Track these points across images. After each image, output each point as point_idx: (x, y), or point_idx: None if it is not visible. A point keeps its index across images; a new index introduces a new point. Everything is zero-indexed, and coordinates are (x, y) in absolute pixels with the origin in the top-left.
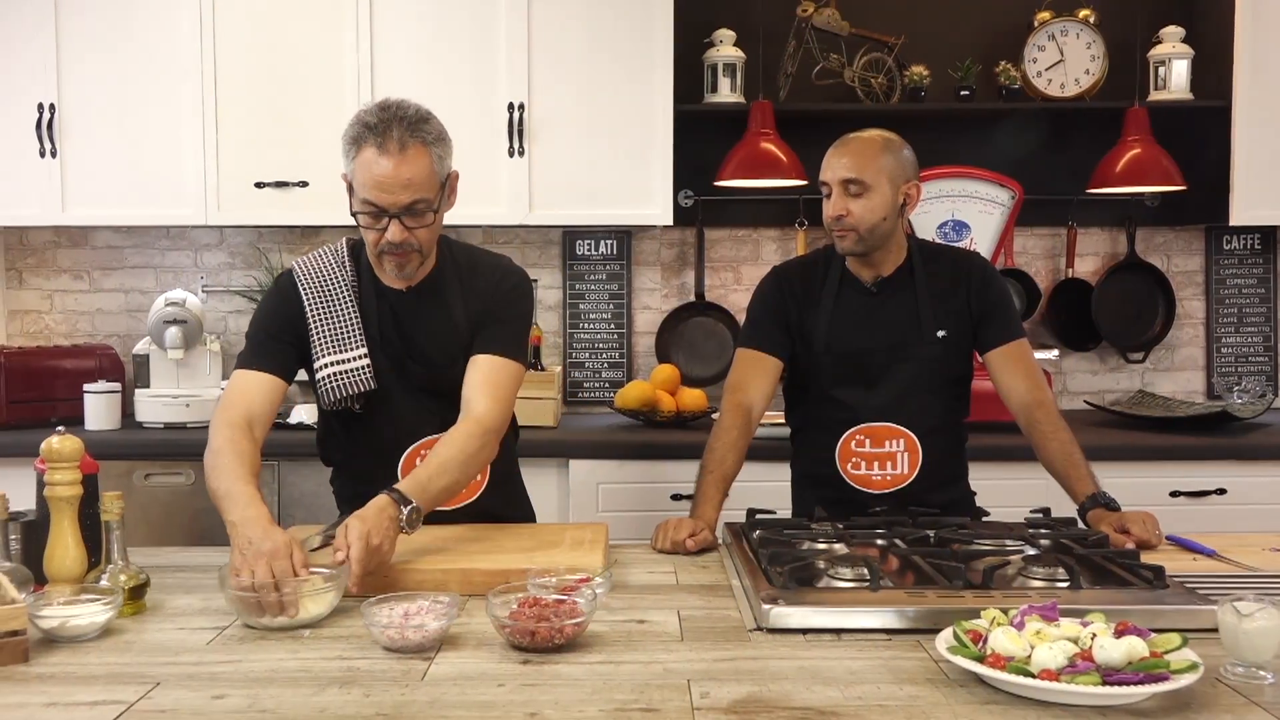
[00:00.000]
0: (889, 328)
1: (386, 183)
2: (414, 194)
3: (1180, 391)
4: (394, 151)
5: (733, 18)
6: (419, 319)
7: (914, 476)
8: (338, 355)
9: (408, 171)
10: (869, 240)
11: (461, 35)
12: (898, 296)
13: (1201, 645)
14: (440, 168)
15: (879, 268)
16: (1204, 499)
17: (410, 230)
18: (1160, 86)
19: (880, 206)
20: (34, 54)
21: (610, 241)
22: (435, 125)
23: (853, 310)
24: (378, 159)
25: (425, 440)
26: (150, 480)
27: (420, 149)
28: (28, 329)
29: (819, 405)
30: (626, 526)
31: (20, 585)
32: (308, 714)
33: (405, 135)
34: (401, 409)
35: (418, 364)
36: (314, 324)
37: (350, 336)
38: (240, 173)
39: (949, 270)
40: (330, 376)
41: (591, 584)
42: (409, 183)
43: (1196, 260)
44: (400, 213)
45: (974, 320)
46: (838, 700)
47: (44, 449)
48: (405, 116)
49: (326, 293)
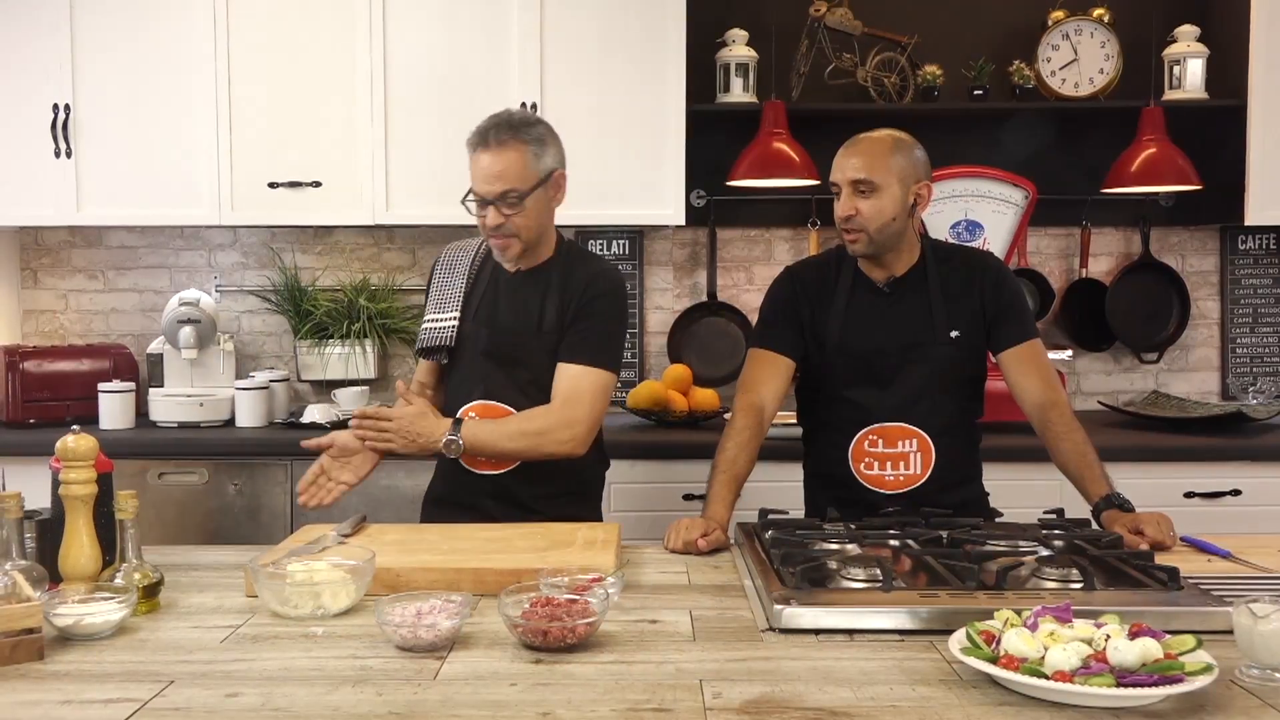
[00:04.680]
0: (902, 328)
1: (484, 174)
2: (506, 184)
3: (1195, 392)
4: (492, 147)
5: (745, 17)
6: (515, 298)
7: (927, 477)
8: (435, 315)
9: (500, 164)
10: (879, 241)
11: (474, 35)
12: (911, 297)
13: (1216, 647)
14: (537, 165)
15: (891, 268)
16: (1219, 500)
17: (506, 216)
18: (1175, 86)
19: (890, 207)
20: (49, 55)
21: (622, 241)
22: (538, 129)
23: (865, 310)
24: (480, 155)
25: (473, 404)
26: (164, 479)
27: (516, 145)
28: (43, 329)
29: (831, 406)
30: (638, 526)
31: (35, 583)
32: (321, 712)
33: (503, 134)
34: (468, 370)
35: (495, 332)
36: (431, 290)
37: (450, 301)
38: (254, 173)
39: (962, 270)
40: (425, 330)
41: (604, 584)
42: (501, 174)
43: (1211, 260)
44: (495, 200)
45: (987, 320)
46: (850, 701)
47: (59, 448)
48: (510, 120)
49: (450, 267)
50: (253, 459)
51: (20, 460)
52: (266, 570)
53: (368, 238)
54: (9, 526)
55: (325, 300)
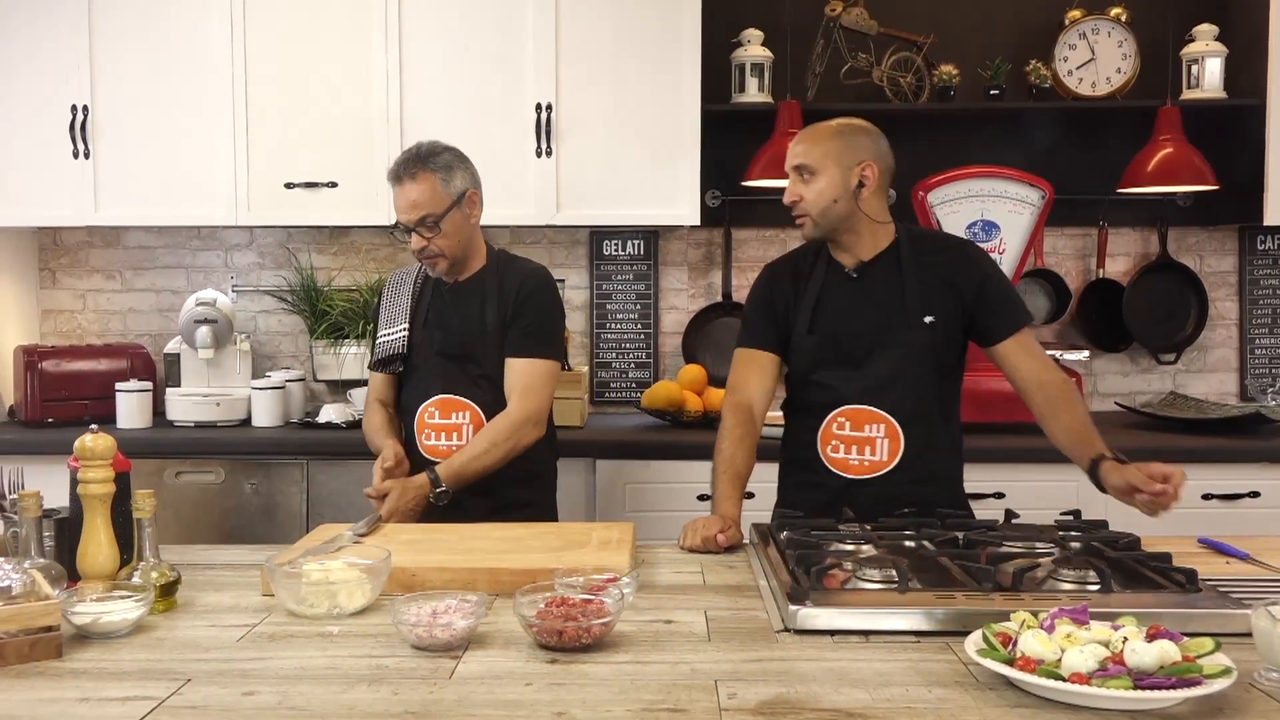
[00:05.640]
0: (873, 311)
1: (402, 204)
2: (421, 211)
3: (1213, 393)
4: (404, 180)
5: (761, 17)
6: (456, 306)
7: (893, 465)
8: (386, 331)
9: (414, 194)
10: (823, 224)
11: (489, 37)
12: (881, 281)
13: (1235, 650)
14: (446, 189)
15: (855, 251)
16: (1237, 502)
17: (428, 239)
18: (1193, 85)
19: (829, 189)
20: (68, 56)
21: (637, 241)
22: (444, 157)
23: (837, 295)
24: (397, 189)
25: (434, 399)
26: (181, 478)
27: (425, 175)
28: (61, 328)
29: (804, 389)
30: (653, 526)
31: (54, 582)
32: (336, 711)
33: (413, 167)
34: (424, 371)
35: (447, 335)
36: (381, 312)
37: (398, 317)
38: (270, 174)
39: (939, 257)
40: (379, 345)
41: (618, 584)
42: (415, 203)
43: (1229, 260)
44: (415, 226)
45: (968, 312)
46: (866, 702)
47: (77, 447)
48: (418, 153)
49: (395, 289)
50: (269, 458)
51: (39, 459)
52: (283, 569)
53: (383, 238)
54: (28, 525)
55: (341, 300)
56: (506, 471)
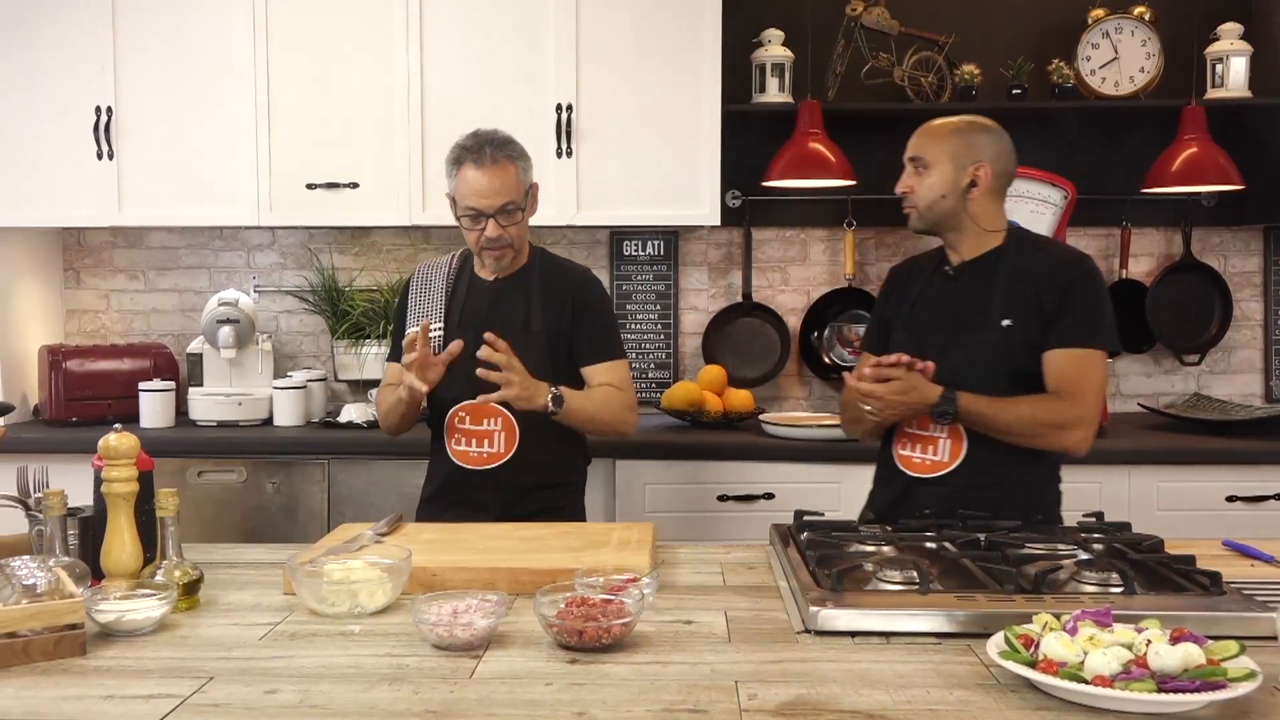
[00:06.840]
0: (958, 311)
1: (482, 189)
2: (505, 198)
3: (1237, 394)
4: (487, 164)
5: (781, 17)
6: (498, 303)
7: (953, 467)
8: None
9: (499, 180)
10: (929, 217)
11: (510, 37)
12: (975, 282)
13: (1260, 654)
14: (525, 178)
15: (958, 250)
16: (1262, 504)
17: (504, 228)
18: (1218, 84)
19: (939, 184)
20: (91, 58)
21: (657, 242)
22: (519, 146)
23: (933, 294)
24: (476, 173)
25: (463, 405)
26: (203, 477)
27: (509, 161)
28: (85, 328)
29: None
30: (673, 527)
31: (78, 580)
32: (358, 710)
33: (496, 152)
34: (455, 374)
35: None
36: (411, 303)
37: (433, 313)
38: (292, 174)
39: (1040, 264)
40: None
41: (639, 584)
42: (501, 189)
43: (1255, 261)
44: (495, 214)
45: (1045, 317)
46: (886, 704)
47: (101, 446)
48: (496, 138)
49: (425, 282)
50: (290, 458)
51: (63, 458)
52: (304, 569)
53: (404, 238)
54: (53, 523)
55: (362, 300)
56: (540, 477)
